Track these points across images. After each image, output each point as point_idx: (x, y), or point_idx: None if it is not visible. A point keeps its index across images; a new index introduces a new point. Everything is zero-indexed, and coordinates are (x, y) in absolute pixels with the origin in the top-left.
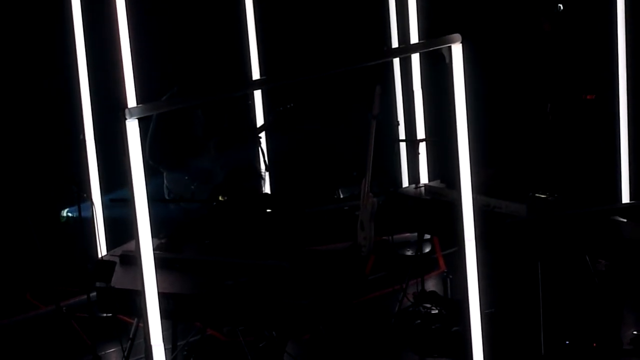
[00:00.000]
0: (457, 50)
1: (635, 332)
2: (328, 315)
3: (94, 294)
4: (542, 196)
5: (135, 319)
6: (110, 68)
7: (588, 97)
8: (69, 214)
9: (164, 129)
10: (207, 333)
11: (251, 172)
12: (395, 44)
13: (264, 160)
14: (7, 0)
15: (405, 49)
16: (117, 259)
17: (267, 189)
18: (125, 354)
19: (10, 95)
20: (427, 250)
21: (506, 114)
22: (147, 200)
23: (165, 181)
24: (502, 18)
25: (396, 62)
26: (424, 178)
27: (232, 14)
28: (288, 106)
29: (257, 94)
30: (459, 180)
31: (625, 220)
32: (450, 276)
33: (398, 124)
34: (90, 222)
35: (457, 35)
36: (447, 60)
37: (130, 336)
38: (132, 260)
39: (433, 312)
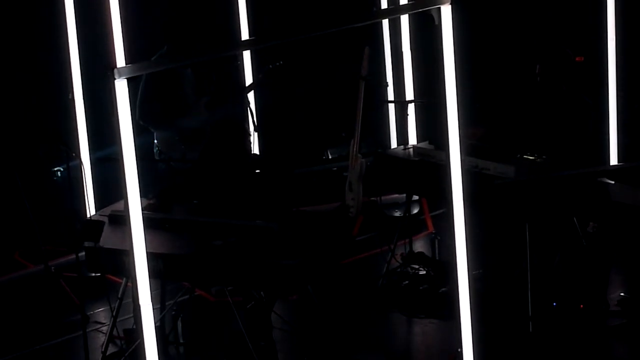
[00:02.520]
0: (446, 12)
1: (622, 294)
2: (316, 275)
3: (83, 253)
4: (530, 158)
5: (124, 279)
6: (100, 28)
7: (577, 59)
8: (59, 173)
9: (154, 89)
10: (196, 293)
11: (239, 132)
12: (384, 4)
13: (253, 120)
14: None
15: (395, 10)
16: (105, 219)
17: (255, 149)
18: (114, 313)
19: None
20: (415, 211)
21: (495, 76)
22: (136, 160)
23: (155, 141)
24: None
25: (385, 23)
26: (412, 139)
27: None
28: (277, 64)
29: (246, 55)
30: (447, 142)
31: (613, 182)
32: (439, 237)
33: (387, 85)
34: (79, 181)
35: None
36: (437, 22)
37: (119, 296)
38: (121, 220)
39: (421, 273)
